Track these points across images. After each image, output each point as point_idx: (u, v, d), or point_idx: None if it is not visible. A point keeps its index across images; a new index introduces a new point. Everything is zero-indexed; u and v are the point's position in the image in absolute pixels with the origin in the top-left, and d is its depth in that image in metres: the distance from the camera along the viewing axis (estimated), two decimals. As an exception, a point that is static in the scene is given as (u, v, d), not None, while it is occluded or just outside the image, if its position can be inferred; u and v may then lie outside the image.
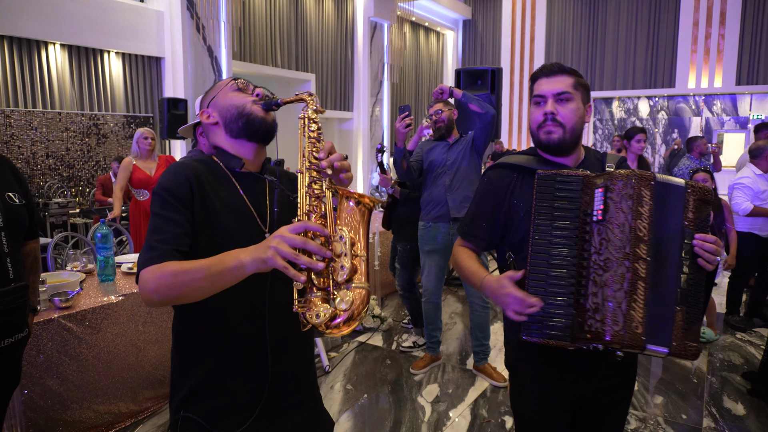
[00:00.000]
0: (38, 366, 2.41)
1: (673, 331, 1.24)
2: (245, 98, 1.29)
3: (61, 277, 2.81)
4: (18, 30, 6.57)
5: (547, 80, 1.47)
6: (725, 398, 3.19)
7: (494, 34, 16.14)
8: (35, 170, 6.79)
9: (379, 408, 3.07)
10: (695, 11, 12.91)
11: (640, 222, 1.26)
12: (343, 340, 4.01)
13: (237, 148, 1.30)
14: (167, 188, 1.18)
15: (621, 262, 1.25)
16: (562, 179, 1.35)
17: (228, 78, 1.36)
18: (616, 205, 1.28)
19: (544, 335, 1.30)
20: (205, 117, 1.32)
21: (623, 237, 1.26)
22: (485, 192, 1.57)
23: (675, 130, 14.23)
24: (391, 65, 13.78)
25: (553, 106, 1.44)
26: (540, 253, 1.33)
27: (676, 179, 1.31)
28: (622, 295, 1.24)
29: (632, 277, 1.24)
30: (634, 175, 1.28)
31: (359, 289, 1.04)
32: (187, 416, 1.22)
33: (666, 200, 1.28)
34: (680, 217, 1.28)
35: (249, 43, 9.92)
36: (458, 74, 4.89)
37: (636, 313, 1.23)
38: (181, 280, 1.05)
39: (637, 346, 1.23)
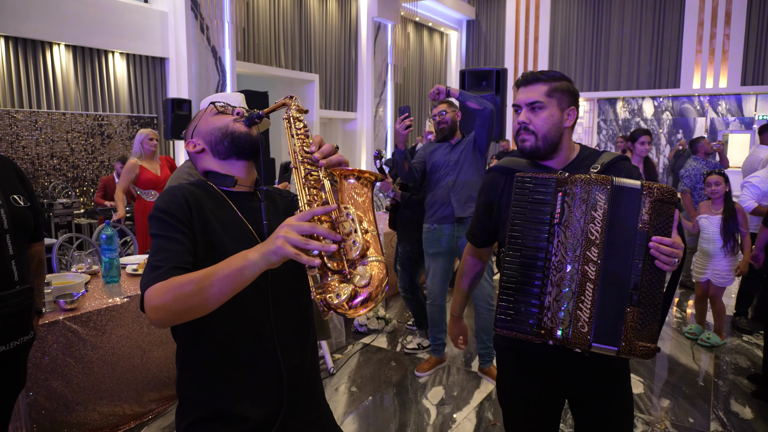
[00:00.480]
0: (43, 368, 2.41)
1: (624, 331, 1.30)
2: (226, 119, 1.30)
3: (66, 279, 2.81)
4: (23, 31, 6.58)
5: (524, 89, 1.55)
6: (733, 402, 3.17)
7: (498, 34, 16.12)
8: (40, 171, 6.80)
9: (384, 410, 3.06)
10: (700, 11, 12.86)
11: (592, 225, 1.33)
12: (347, 341, 4.00)
13: (228, 169, 1.30)
14: (164, 210, 1.17)
15: (572, 263, 1.34)
16: (535, 182, 1.43)
17: (207, 105, 1.37)
18: (570, 209, 1.36)
19: (511, 329, 1.40)
20: (191, 147, 1.32)
21: (575, 240, 1.35)
22: (480, 194, 1.72)
23: (680, 130, 14.18)
24: (394, 66, 13.77)
25: (525, 116, 1.52)
26: (513, 252, 1.43)
27: (632, 182, 1.35)
28: (570, 295, 1.33)
29: (581, 278, 1.33)
30: (590, 179, 1.35)
31: (375, 262, 1.00)
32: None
33: (621, 203, 1.33)
34: (634, 220, 1.32)
35: (253, 43, 9.93)
36: (463, 75, 4.87)
37: (582, 313, 1.31)
38: (188, 290, 1.01)
39: (582, 344, 1.31)
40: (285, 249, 0.93)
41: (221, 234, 1.20)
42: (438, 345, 3.56)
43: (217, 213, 1.23)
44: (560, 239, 1.37)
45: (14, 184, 1.71)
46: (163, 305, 1.03)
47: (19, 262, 1.65)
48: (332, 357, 3.63)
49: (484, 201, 1.68)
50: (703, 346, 3.99)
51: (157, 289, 1.04)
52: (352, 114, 13.07)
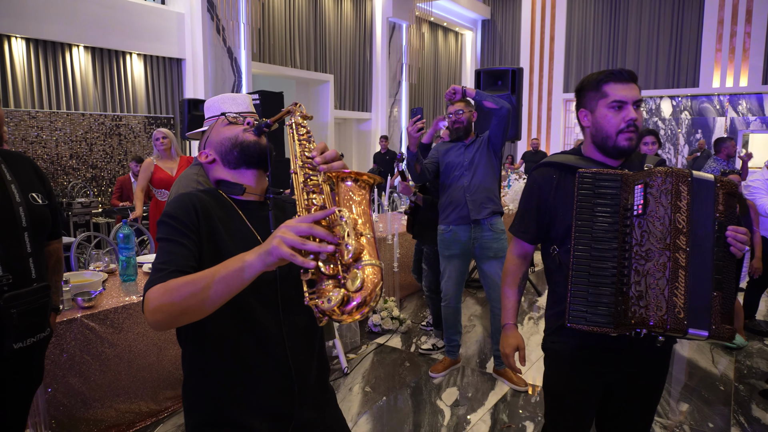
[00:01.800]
0: (61, 365, 2.44)
1: (712, 316, 1.34)
2: (236, 129, 1.31)
3: (84, 277, 2.84)
4: (43, 33, 6.69)
5: (623, 86, 1.54)
6: (753, 406, 3.11)
7: (513, 34, 16.02)
8: (59, 170, 6.90)
9: (398, 411, 3.05)
10: (720, 9, 12.65)
11: (679, 215, 1.37)
12: (361, 341, 4.00)
13: (238, 178, 1.31)
14: (172, 215, 1.18)
15: (662, 252, 1.36)
16: (602, 177, 1.46)
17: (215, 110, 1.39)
18: (656, 200, 1.39)
19: (589, 322, 1.41)
20: (203, 158, 1.34)
21: (663, 229, 1.37)
22: (531, 190, 1.70)
23: (699, 130, 13.97)
24: (409, 66, 13.76)
25: (634, 113, 1.54)
26: (582, 246, 1.45)
27: (706, 175, 1.42)
28: (665, 283, 1.35)
29: (673, 265, 1.35)
30: (673, 172, 1.39)
31: (369, 266, 0.97)
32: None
33: (700, 194, 1.39)
34: (712, 210, 1.39)
35: (268, 44, 9.98)
36: (478, 74, 4.84)
37: (678, 299, 1.33)
38: (184, 291, 1.00)
39: (679, 330, 1.33)
40: (280, 249, 0.91)
41: (228, 242, 1.20)
42: (453, 346, 3.54)
43: (225, 221, 1.24)
44: (645, 229, 1.39)
45: (33, 182, 1.73)
46: (160, 306, 1.02)
47: (37, 260, 1.67)
48: (346, 357, 3.63)
49: (537, 197, 1.66)
50: (729, 348, 3.92)
51: (156, 290, 1.04)
52: (367, 114, 13.08)
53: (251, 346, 1.20)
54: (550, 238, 1.66)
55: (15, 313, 1.56)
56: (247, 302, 1.16)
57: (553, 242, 1.64)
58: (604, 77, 1.56)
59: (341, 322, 0.96)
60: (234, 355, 1.20)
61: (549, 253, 1.67)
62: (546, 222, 1.66)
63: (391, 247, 4.71)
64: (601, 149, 1.60)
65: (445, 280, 3.45)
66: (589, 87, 1.59)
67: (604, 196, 1.45)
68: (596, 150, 1.62)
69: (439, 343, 3.85)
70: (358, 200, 1.04)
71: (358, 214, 1.02)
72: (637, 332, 1.39)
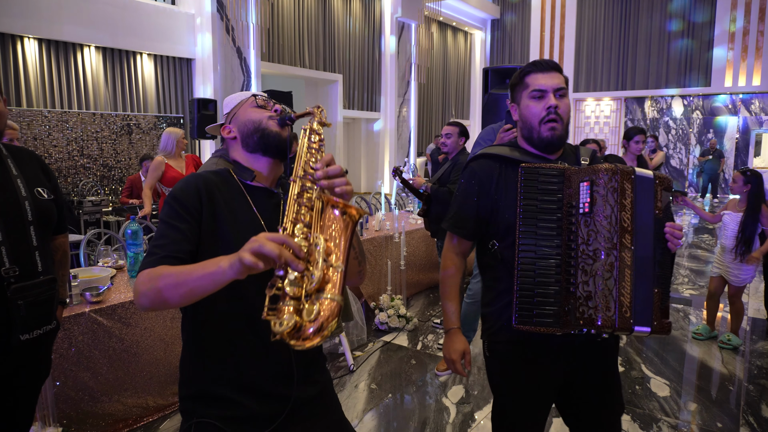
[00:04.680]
0: (70, 359, 2.47)
1: (653, 312, 1.36)
2: (262, 114, 1.32)
3: (93, 273, 2.87)
4: (55, 33, 6.76)
5: (544, 75, 1.52)
6: (763, 406, 3.07)
7: (523, 33, 15.96)
8: (70, 169, 6.98)
9: (404, 408, 3.05)
10: (732, 7, 12.52)
11: (624, 213, 1.36)
12: (368, 339, 4.00)
13: (251, 162, 1.32)
14: (176, 197, 1.21)
15: (610, 251, 1.35)
16: (545, 172, 1.43)
17: (250, 94, 1.40)
18: (603, 199, 1.37)
19: (534, 323, 1.39)
20: (226, 132, 1.36)
21: (610, 228, 1.36)
22: (470, 183, 1.60)
23: (710, 130, 13.83)
24: (418, 65, 13.75)
25: (554, 100, 1.50)
26: (527, 244, 1.42)
27: (646, 171, 1.42)
28: (613, 283, 1.34)
29: (621, 265, 1.34)
30: (618, 169, 1.37)
31: (329, 300, 0.97)
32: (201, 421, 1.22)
33: (642, 192, 1.39)
34: (652, 207, 1.39)
35: (277, 44, 10.02)
36: (486, 73, 4.83)
37: (624, 299, 1.34)
38: (164, 283, 1.04)
39: (626, 329, 1.34)
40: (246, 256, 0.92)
41: (230, 225, 1.21)
42: None
43: (231, 203, 1.24)
44: (592, 228, 1.37)
45: (39, 177, 1.76)
46: (143, 293, 1.07)
47: (43, 253, 1.69)
48: (352, 354, 3.63)
49: (477, 190, 1.57)
50: (725, 348, 3.88)
51: (144, 275, 1.09)
52: (376, 114, 13.09)
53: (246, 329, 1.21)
54: (489, 233, 1.57)
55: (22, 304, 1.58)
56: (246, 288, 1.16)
57: (493, 237, 1.56)
58: (526, 68, 1.54)
59: (291, 346, 0.96)
60: (230, 337, 1.22)
61: (487, 249, 1.58)
62: (485, 216, 1.56)
63: (398, 245, 4.71)
64: (529, 142, 1.55)
65: (478, 280, 3.31)
66: (515, 80, 1.57)
67: (548, 192, 1.42)
68: (527, 144, 1.57)
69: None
70: (339, 230, 1.03)
71: (335, 244, 1.02)
72: (586, 331, 1.36)
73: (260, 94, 1.38)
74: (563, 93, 1.51)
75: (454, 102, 16.40)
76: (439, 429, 2.82)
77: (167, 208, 1.20)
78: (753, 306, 4.91)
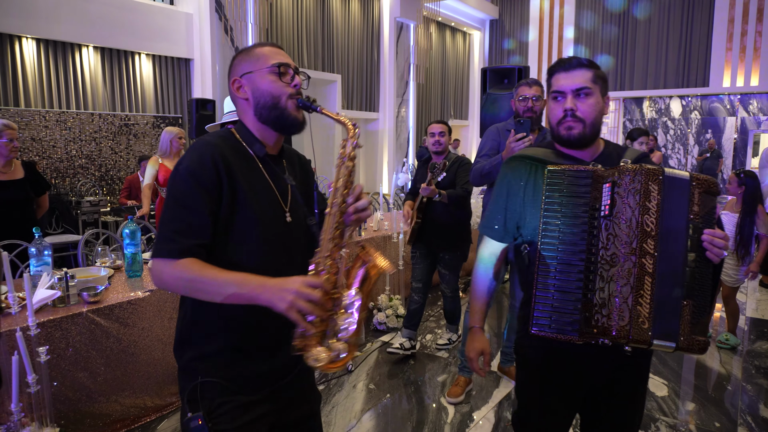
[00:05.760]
0: (67, 359, 2.46)
1: (681, 326, 1.25)
2: (283, 89, 1.27)
3: (90, 273, 2.87)
4: (53, 33, 6.75)
5: (566, 75, 1.47)
6: (761, 406, 3.07)
7: (521, 33, 15.97)
8: (69, 169, 6.96)
9: (402, 408, 3.05)
10: (730, 8, 12.54)
11: (647, 217, 1.27)
12: (366, 339, 4.00)
13: (261, 132, 1.30)
14: (192, 171, 1.16)
15: (628, 257, 1.27)
16: (571, 174, 1.36)
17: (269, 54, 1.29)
18: (623, 200, 1.30)
19: (552, 329, 1.32)
20: (236, 87, 1.29)
21: (630, 232, 1.28)
22: (501, 185, 1.60)
23: (708, 130, 13.85)
24: (417, 66, 13.75)
25: (572, 103, 1.45)
26: (549, 249, 1.35)
27: (681, 172, 1.31)
28: (629, 291, 1.26)
29: (639, 272, 1.26)
30: (642, 169, 1.29)
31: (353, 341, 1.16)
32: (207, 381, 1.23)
33: (673, 194, 1.29)
34: (686, 211, 1.29)
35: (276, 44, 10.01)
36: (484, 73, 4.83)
37: (642, 308, 1.25)
38: (196, 287, 1.11)
39: (643, 341, 1.25)
40: (290, 314, 1.06)
41: (249, 197, 1.23)
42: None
43: (247, 174, 1.25)
44: (611, 232, 1.30)
45: None
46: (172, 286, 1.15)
47: None
48: (351, 354, 3.63)
49: (507, 191, 1.56)
50: (723, 348, 3.88)
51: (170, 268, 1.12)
52: (375, 114, 13.09)
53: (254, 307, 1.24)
54: (522, 235, 1.54)
55: None
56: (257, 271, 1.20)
57: (524, 240, 1.53)
58: (553, 66, 1.50)
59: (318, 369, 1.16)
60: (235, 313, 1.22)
61: (519, 252, 1.56)
62: (515, 219, 1.54)
63: (396, 245, 4.70)
64: (557, 141, 1.52)
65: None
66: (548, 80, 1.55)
67: (573, 194, 1.35)
68: (557, 144, 1.53)
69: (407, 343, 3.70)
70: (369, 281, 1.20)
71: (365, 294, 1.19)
72: (602, 341, 1.29)
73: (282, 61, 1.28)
74: (587, 92, 1.44)
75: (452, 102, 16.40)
76: (437, 429, 2.82)
77: (182, 184, 1.15)
78: (750, 306, 4.92)
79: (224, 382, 1.23)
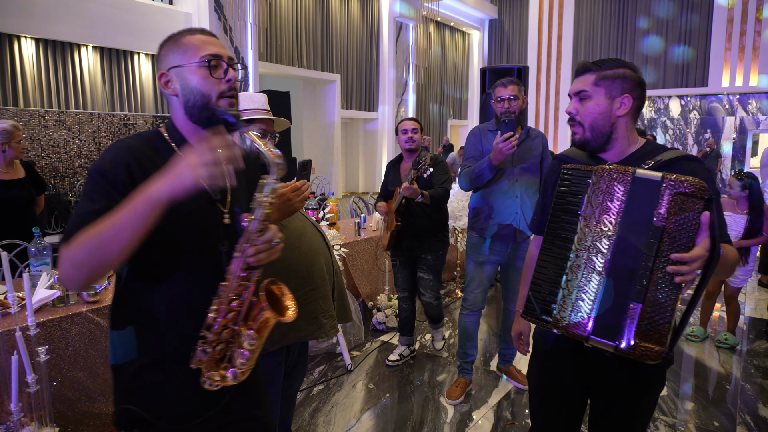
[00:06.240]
0: (66, 358, 2.46)
1: (624, 328, 1.25)
2: (213, 86, 1.15)
3: (90, 273, 2.86)
4: (52, 33, 6.75)
5: (575, 80, 1.51)
6: (760, 406, 3.08)
7: (521, 33, 15.98)
8: (68, 169, 6.96)
9: (401, 408, 3.05)
10: (730, 8, 12.56)
11: (606, 217, 1.31)
12: (365, 339, 4.00)
13: (193, 133, 1.20)
14: (102, 171, 1.08)
15: (582, 254, 1.34)
16: (568, 174, 1.42)
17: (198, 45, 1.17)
18: (591, 200, 1.35)
19: (535, 317, 1.40)
20: (164, 82, 1.18)
21: (588, 231, 1.34)
22: (544, 180, 1.71)
23: (707, 130, 13.87)
24: (416, 65, 13.75)
25: (572, 106, 1.49)
26: (548, 242, 1.43)
27: (653, 173, 1.28)
28: (573, 285, 1.33)
29: (589, 269, 1.32)
30: (614, 170, 1.32)
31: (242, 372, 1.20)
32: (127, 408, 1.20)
33: (640, 195, 1.28)
34: (650, 214, 1.25)
35: (275, 44, 10.01)
36: (484, 73, 4.83)
37: (584, 303, 1.31)
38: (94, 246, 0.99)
39: (582, 337, 1.31)
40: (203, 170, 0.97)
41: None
42: (468, 363, 3.22)
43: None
44: (580, 229, 1.36)
45: None
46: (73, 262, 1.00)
47: None
48: (350, 354, 3.63)
49: (543, 189, 1.69)
50: (722, 348, 3.89)
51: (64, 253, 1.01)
52: (373, 114, 13.09)
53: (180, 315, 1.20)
54: None
55: None
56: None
57: None
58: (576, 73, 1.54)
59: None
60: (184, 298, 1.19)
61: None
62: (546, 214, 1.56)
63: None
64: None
65: (473, 288, 3.10)
66: None
67: (572, 193, 1.40)
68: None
69: (405, 351, 3.64)
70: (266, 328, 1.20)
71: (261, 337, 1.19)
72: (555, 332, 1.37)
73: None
74: (584, 96, 1.45)
75: (451, 102, 16.40)
76: (437, 429, 2.83)
77: (91, 182, 1.08)
78: (750, 306, 4.92)
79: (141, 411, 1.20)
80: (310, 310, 1.97)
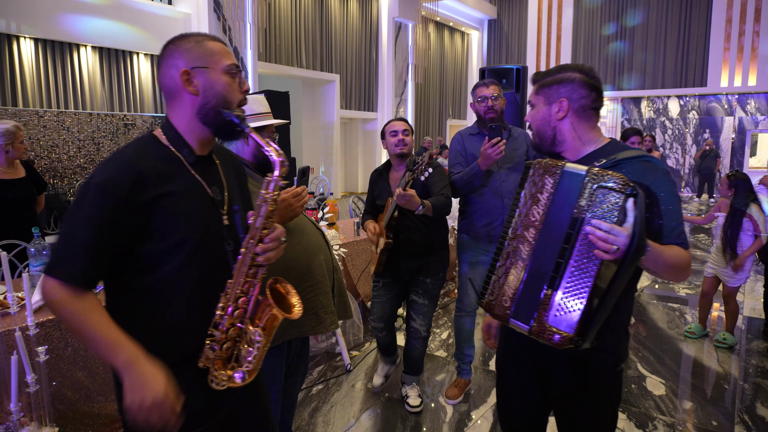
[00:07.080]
0: (66, 358, 2.46)
1: (537, 312, 1.33)
2: (236, 93, 1.21)
3: (89, 273, 2.86)
4: (51, 33, 6.75)
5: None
6: (758, 405, 3.09)
7: (520, 33, 15.99)
8: (67, 170, 6.96)
9: (400, 407, 3.05)
10: (728, 8, 12.58)
11: (535, 208, 1.40)
12: (365, 339, 4.01)
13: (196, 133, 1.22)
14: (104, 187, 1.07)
15: (513, 242, 1.43)
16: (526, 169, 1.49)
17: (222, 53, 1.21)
18: (524, 192, 1.44)
19: (481, 300, 1.49)
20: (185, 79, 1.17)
21: (518, 220, 1.43)
22: None
23: (706, 130, 13.89)
24: (415, 65, 13.76)
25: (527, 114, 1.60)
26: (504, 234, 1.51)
27: (579, 167, 1.33)
28: (502, 271, 1.43)
29: (514, 256, 1.41)
30: (546, 164, 1.40)
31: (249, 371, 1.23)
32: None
33: (564, 188, 1.35)
34: (571, 205, 1.32)
35: (274, 44, 10.01)
36: (483, 73, 4.84)
37: (508, 288, 1.41)
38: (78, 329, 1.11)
39: (503, 318, 1.41)
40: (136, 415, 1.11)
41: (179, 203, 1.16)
42: (467, 363, 3.20)
43: (174, 180, 1.16)
44: (515, 220, 1.45)
45: None
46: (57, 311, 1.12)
47: None
48: (349, 354, 3.64)
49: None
50: (720, 347, 3.89)
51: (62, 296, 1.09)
52: (373, 114, 13.09)
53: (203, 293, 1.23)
54: None
55: None
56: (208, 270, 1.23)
57: None
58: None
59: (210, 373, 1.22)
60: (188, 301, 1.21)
61: None
62: None
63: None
64: None
65: (467, 290, 3.02)
66: None
67: (521, 185, 1.50)
68: None
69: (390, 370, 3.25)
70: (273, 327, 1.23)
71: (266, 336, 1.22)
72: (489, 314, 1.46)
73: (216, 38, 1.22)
74: (532, 104, 1.55)
75: (450, 102, 16.41)
76: (436, 428, 2.83)
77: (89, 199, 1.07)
78: (748, 305, 4.93)
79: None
80: (311, 306, 1.98)
